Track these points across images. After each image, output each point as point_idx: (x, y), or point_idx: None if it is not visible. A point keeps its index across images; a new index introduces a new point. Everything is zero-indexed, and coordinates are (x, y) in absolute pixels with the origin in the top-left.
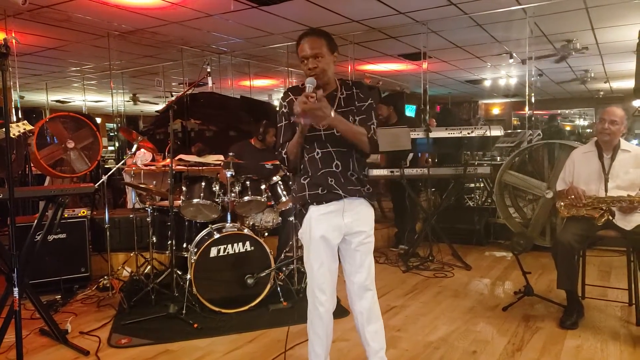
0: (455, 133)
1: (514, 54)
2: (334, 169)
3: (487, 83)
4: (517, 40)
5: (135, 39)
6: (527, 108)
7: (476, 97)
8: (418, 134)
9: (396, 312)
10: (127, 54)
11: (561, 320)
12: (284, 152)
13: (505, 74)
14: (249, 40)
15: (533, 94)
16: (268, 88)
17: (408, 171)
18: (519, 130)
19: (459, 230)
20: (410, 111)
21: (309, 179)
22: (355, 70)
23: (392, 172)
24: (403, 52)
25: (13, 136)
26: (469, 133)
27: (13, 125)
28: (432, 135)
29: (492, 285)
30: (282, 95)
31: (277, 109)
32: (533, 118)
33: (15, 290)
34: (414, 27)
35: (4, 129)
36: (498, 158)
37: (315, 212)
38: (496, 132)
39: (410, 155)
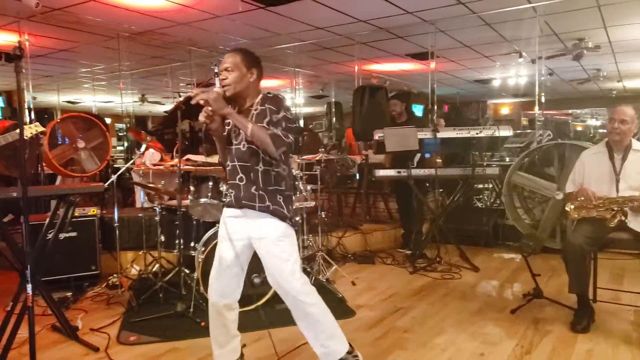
0: (463, 133)
1: (524, 53)
2: (237, 181)
3: (496, 83)
4: (526, 39)
5: (144, 40)
6: (536, 108)
7: (485, 97)
8: (426, 134)
9: (403, 314)
10: (136, 55)
11: (572, 324)
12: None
13: (514, 74)
14: (256, 40)
15: (543, 94)
16: (275, 89)
17: (415, 172)
18: (529, 131)
19: (467, 232)
20: (417, 111)
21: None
22: (362, 71)
23: (399, 172)
24: (410, 52)
25: (25, 137)
26: (477, 133)
27: (26, 127)
28: (440, 135)
29: (500, 287)
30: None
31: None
32: (542, 118)
33: (29, 286)
34: (422, 26)
35: (17, 130)
36: (507, 159)
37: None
38: (505, 132)
39: (418, 155)
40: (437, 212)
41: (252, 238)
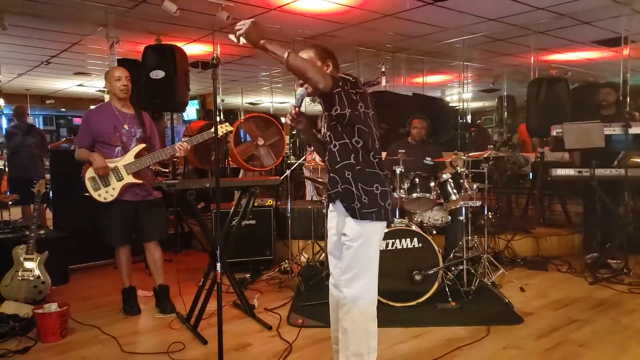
0: None
1: None
2: None
3: None
4: None
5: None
6: None
7: None
8: (614, 130)
9: (579, 326)
10: None
11: None
12: None
13: None
14: (424, 37)
15: None
16: (441, 84)
17: (600, 171)
18: None
19: None
20: None
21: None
22: (539, 61)
23: (579, 172)
24: (598, 39)
25: (219, 136)
26: None
27: (219, 126)
28: (632, 131)
29: None
30: None
31: None
32: None
33: (218, 265)
34: (613, 8)
35: (212, 129)
36: None
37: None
38: None
39: (622, 153)
40: (626, 218)
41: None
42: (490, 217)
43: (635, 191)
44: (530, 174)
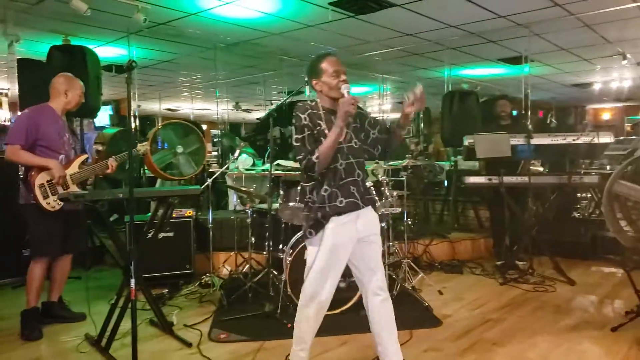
0: (559, 140)
1: (628, 55)
2: (356, 177)
3: (597, 87)
4: (632, 40)
5: (239, 51)
6: None
7: (584, 102)
8: (519, 141)
9: (492, 325)
10: (231, 65)
11: None
12: (314, 157)
13: (617, 77)
14: (346, 48)
15: None
16: (363, 95)
17: (507, 179)
18: (633, 137)
19: (563, 243)
20: None
21: (329, 190)
22: (452, 76)
23: (489, 179)
24: (503, 57)
25: (138, 153)
26: (574, 140)
27: (139, 145)
28: (534, 142)
29: (599, 303)
30: (298, 108)
31: (295, 121)
32: None
33: (132, 281)
34: (515, 30)
35: (139, 147)
36: (608, 167)
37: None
38: (605, 138)
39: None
40: (530, 222)
41: (371, 235)
42: (410, 223)
43: (537, 197)
44: (445, 181)
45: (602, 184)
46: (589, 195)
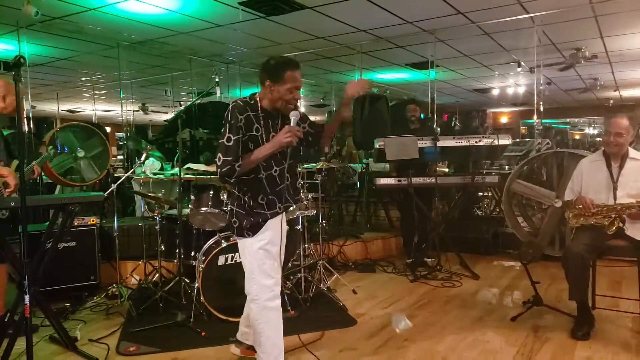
0: (463, 142)
1: (522, 63)
2: (287, 182)
3: (495, 92)
4: (525, 49)
5: (144, 50)
6: (535, 116)
7: (484, 106)
8: (425, 143)
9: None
10: (136, 64)
11: (572, 331)
12: (237, 164)
13: (513, 83)
14: (257, 50)
15: (541, 103)
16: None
17: (415, 180)
18: (528, 139)
19: (467, 240)
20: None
21: (268, 198)
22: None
23: (399, 180)
24: (411, 61)
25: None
26: (476, 142)
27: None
28: (440, 144)
29: (500, 295)
30: (236, 107)
31: (231, 119)
32: (541, 127)
33: (26, 297)
34: (422, 36)
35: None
36: (507, 167)
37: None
38: (504, 141)
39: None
40: (437, 221)
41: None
42: (324, 224)
43: (443, 196)
44: (358, 183)
45: (502, 183)
46: (490, 194)
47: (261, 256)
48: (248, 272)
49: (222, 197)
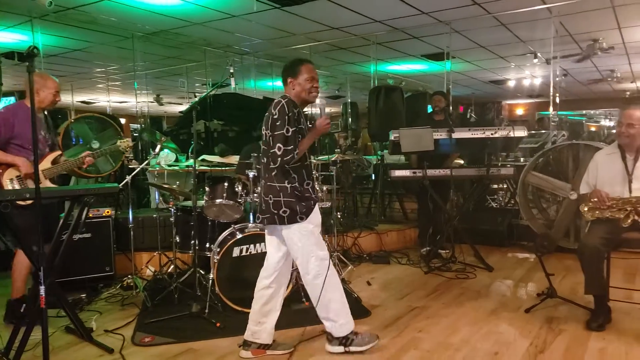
0: (478, 134)
1: (539, 54)
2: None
3: (511, 83)
4: (541, 40)
5: (159, 40)
6: (551, 108)
7: (500, 98)
8: (441, 135)
9: (417, 313)
10: (151, 55)
11: (588, 322)
12: (295, 152)
13: (529, 74)
14: (272, 41)
15: (557, 94)
16: None
17: (430, 172)
18: (543, 131)
19: (481, 232)
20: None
21: (310, 183)
22: (378, 71)
23: (414, 172)
24: (426, 53)
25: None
26: (492, 134)
27: (120, 141)
28: (455, 136)
29: (514, 286)
30: (290, 102)
31: (288, 112)
32: (557, 119)
33: (42, 288)
34: (437, 27)
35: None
36: (522, 159)
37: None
38: (520, 132)
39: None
40: (452, 212)
41: None
42: (339, 216)
43: (458, 188)
44: (372, 175)
45: (517, 175)
46: (504, 186)
47: (315, 233)
48: (305, 254)
49: (236, 189)
